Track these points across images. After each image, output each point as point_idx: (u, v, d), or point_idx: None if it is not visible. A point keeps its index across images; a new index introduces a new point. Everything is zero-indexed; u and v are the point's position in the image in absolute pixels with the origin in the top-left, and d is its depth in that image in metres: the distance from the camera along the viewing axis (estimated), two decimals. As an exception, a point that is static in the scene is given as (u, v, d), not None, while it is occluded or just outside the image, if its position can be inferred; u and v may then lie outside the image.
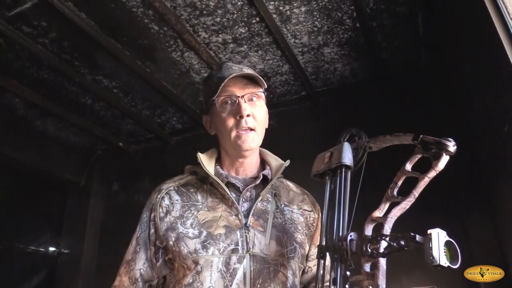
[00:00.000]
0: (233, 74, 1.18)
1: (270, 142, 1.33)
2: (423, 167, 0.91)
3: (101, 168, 3.74)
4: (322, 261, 0.92)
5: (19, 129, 3.21)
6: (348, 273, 0.85)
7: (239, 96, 1.19)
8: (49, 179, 3.60)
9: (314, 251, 1.27)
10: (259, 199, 1.20)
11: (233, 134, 1.19)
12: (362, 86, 2.87)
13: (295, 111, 3.12)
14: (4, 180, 3.31)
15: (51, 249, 3.55)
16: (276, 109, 3.15)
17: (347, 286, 0.84)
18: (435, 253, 0.73)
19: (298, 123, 3.03)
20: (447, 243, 0.76)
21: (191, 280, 1.08)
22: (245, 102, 1.19)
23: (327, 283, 0.88)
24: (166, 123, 3.36)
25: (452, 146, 0.86)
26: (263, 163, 1.32)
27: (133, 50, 2.50)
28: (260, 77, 1.23)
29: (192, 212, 1.18)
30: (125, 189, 3.62)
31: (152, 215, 1.21)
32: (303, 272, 1.26)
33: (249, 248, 1.11)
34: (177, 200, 1.21)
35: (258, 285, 1.08)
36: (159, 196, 1.23)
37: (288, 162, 1.29)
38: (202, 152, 1.28)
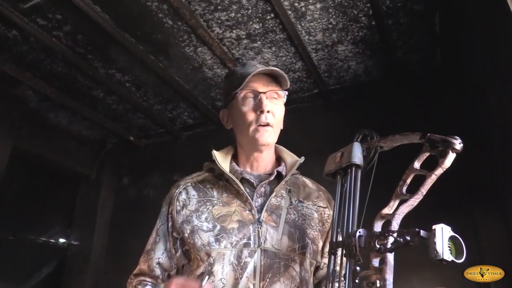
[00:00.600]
0: (260, 69, 1.21)
1: (281, 139, 1.34)
2: (431, 165, 0.93)
3: (111, 162, 3.76)
4: (332, 257, 0.94)
5: (32, 122, 3.23)
6: (358, 268, 0.87)
7: (261, 92, 1.22)
8: (61, 171, 3.62)
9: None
10: (273, 195, 1.22)
11: (252, 128, 1.21)
12: (375, 85, 2.84)
13: (307, 108, 3.10)
14: (16, 172, 3.33)
15: (61, 240, 3.58)
16: (288, 106, 3.04)
17: (356, 280, 0.86)
18: (438, 247, 0.74)
19: (310, 121, 3.01)
20: (452, 238, 0.77)
21: (203, 271, 1.13)
22: (266, 98, 1.21)
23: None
24: (177, 118, 3.36)
25: (458, 144, 0.87)
26: (279, 160, 1.33)
27: (147, 45, 2.50)
28: (285, 76, 1.24)
29: (207, 207, 1.22)
30: (135, 183, 3.64)
31: (170, 208, 1.26)
32: (318, 268, 1.28)
33: (261, 243, 1.14)
34: (193, 195, 1.25)
35: (268, 279, 1.11)
36: (177, 191, 1.28)
37: (303, 158, 1.30)
38: (216, 149, 1.30)
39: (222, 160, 1.27)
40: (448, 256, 0.75)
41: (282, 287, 1.12)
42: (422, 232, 0.77)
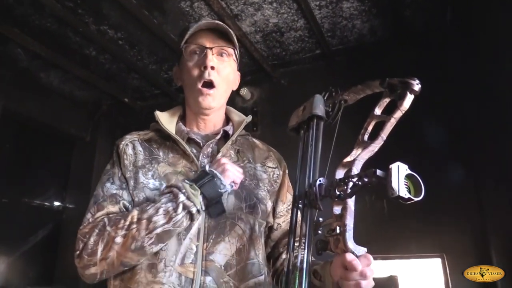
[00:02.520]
0: (203, 22, 1.19)
1: (280, 102, 1.26)
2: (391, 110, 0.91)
3: (106, 124, 3.67)
4: (295, 210, 0.93)
5: (23, 82, 3.12)
6: (320, 219, 0.87)
7: (207, 48, 1.18)
8: (55, 133, 3.54)
9: (281, 208, 1.28)
10: (220, 154, 1.19)
11: (196, 87, 1.18)
12: (380, 46, 2.72)
13: (308, 70, 2.98)
14: (9, 134, 3.25)
15: (56, 204, 3.54)
16: (288, 67, 3.02)
17: (319, 231, 0.86)
18: (394, 185, 0.74)
19: (311, 83, 2.88)
20: (409, 176, 0.77)
21: None
22: (212, 54, 1.18)
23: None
24: (173, 79, 3.24)
25: (416, 85, 0.86)
26: (228, 120, 1.32)
27: (140, -1, 2.36)
28: (231, 32, 1.21)
29: (153, 165, 1.17)
30: (131, 145, 3.55)
31: (118, 161, 1.18)
32: (272, 229, 1.28)
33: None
34: (140, 151, 1.20)
35: (211, 240, 1.09)
36: (123, 143, 1.21)
37: (250, 117, 1.29)
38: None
39: (167, 121, 1.23)
40: (404, 193, 0.74)
41: (227, 247, 1.10)
42: (378, 172, 0.77)
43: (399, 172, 0.76)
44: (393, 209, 2.44)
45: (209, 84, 1.17)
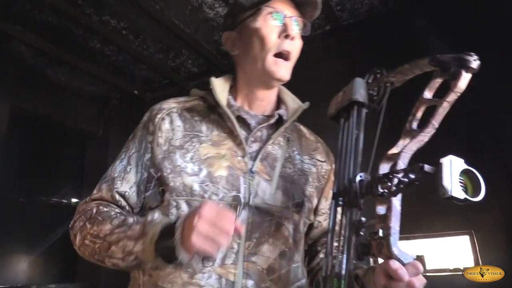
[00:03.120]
0: None
1: (291, 82, 1.15)
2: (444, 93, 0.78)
3: (117, 118, 3.64)
4: (334, 208, 0.83)
5: (30, 80, 3.10)
6: (363, 218, 0.76)
7: (290, 16, 1.04)
8: (67, 130, 3.54)
9: (324, 205, 1.16)
10: (270, 141, 1.05)
11: (269, 56, 1.02)
12: (393, 16, 2.57)
13: (317, 48, 2.84)
14: (21, 133, 3.24)
15: (74, 200, 3.54)
16: None
17: (361, 232, 0.75)
18: (446, 183, 0.63)
19: (321, 62, 2.74)
20: (465, 172, 0.66)
21: None
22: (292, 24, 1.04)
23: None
24: (181, 67, 3.17)
25: (473, 61, 0.73)
26: (279, 102, 1.16)
27: (139, -16, 2.28)
28: (317, 4, 1.06)
29: (193, 144, 1.02)
30: (143, 138, 3.52)
31: (150, 138, 1.04)
32: (312, 227, 1.15)
33: (251, 198, 0.98)
34: (178, 126, 1.04)
35: (254, 239, 0.97)
36: (159, 116, 1.05)
37: (307, 104, 1.14)
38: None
39: (220, 90, 1.07)
40: (459, 193, 0.63)
41: (271, 249, 0.98)
42: (426, 167, 0.66)
43: (452, 167, 0.65)
44: (415, 186, 2.34)
45: (283, 56, 1.04)
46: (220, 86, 1.08)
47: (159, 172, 1.00)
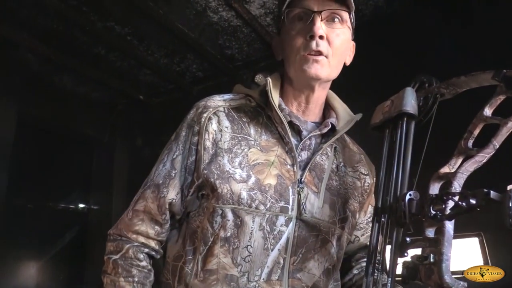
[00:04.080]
0: None
1: None
2: (506, 111, 0.73)
3: (123, 123, 3.65)
4: (377, 225, 0.78)
5: (36, 86, 3.12)
6: (407, 239, 0.71)
7: (315, 12, 0.93)
8: (73, 136, 3.56)
9: (363, 219, 1.11)
10: (320, 151, 0.99)
11: (299, 56, 0.94)
12: (399, 16, 2.55)
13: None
14: (27, 139, 3.26)
15: (81, 206, 3.55)
16: None
17: (406, 254, 0.71)
18: None
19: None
20: None
21: (229, 234, 0.90)
22: (321, 20, 0.93)
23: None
24: (186, 72, 3.17)
25: None
26: (327, 108, 1.08)
27: (143, -11, 2.28)
28: None
29: (242, 148, 0.95)
30: (149, 143, 3.52)
31: (196, 139, 0.96)
32: (349, 242, 1.09)
33: (301, 210, 0.93)
34: (226, 127, 0.96)
35: (301, 255, 0.92)
36: (205, 115, 0.97)
37: (360, 115, 1.05)
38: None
39: (274, 92, 0.98)
40: None
41: (316, 265, 0.94)
42: (492, 194, 0.61)
43: None
44: (424, 188, 2.31)
45: (317, 54, 0.94)
46: (274, 87, 0.99)
47: (203, 177, 0.94)
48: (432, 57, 2.21)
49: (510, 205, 0.59)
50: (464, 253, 2.18)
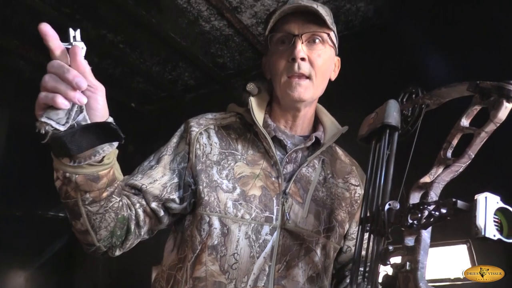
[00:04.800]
0: (287, 6, 0.98)
1: None
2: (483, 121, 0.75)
3: (115, 131, 3.63)
4: (361, 234, 0.80)
5: (28, 93, 3.05)
6: (390, 247, 0.73)
7: (296, 35, 0.98)
8: (64, 143, 3.52)
9: (355, 229, 1.14)
10: (305, 164, 1.04)
11: (283, 80, 1.00)
12: (388, 27, 2.60)
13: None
14: (18, 147, 3.23)
15: (71, 214, 3.52)
16: None
17: (388, 262, 0.72)
18: (480, 222, 0.60)
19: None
20: (501, 211, 0.62)
21: (216, 242, 0.94)
22: (302, 43, 0.98)
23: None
24: (178, 80, 3.19)
25: None
26: (316, 121, 1.13)
27: (136, -3, 2.31)
28: (326, 12, 1.01)
29: (229, 162, 1.01)
30: (141, 150, 3.51)
31: (187, 148, 1.02)
32: (341, 252, 1.13)
33: (285, 220, 0.97)
34: (216, 142, 1.03)
35: (285, 262, 0.96)
36: (197, 130, 1.03)
37: (346, 128, 1.10)
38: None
39: (258, 110, 1.04)
40: (492, 233, 0.60)
41: (300, 273, 0.97)
42: (459, 203, 0.62)
43: (487, 205, 0.62)
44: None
45: (300, 76, 0.99)
46: (257, 106, 1.05)
47: (193, 186, 0.99)
48: (421, 67, 2.26)
49: (475, 214, 0.61)
50: (453, 260, 2.20)
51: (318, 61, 1.00)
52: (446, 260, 2.21)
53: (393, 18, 2.57)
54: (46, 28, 0.65)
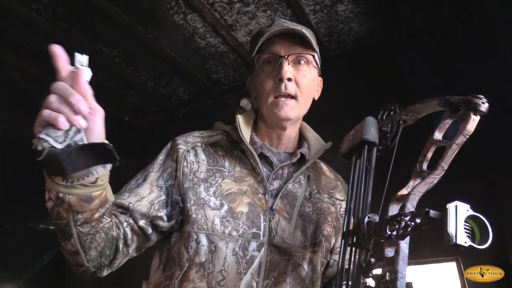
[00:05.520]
0: (276, 28, 1.02)
1: None
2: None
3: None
4: (344, 248, 0.82)
5: (22, 105, 3.10)
6: (372, 259, 0.75)
7: (282, 56, 1.02)
8: (56, 155, 3.51)
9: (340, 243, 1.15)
10: (291, 180, 1.06)
11: (270, 99, 1.03)
12: (380, 47, 2.66)
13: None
14: (11, 158, 3.22)
15: (62, 226, 3.49)
16: None
17: (370, 274, 0.74)
18: (451, 230, 0.63)
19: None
20: (472, 218, 0.65)
21: (203, 259, 0.94)
22: (288, 64, 1.02)
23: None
24: (173, 94, 3.22)
25: (481, 104, 0.73)
26: (301, 138, 1.16)
27: (133, 14, 2.34)
28: (311, 35, 1.04)
29: (216, 179, 1.02)
30: (134, 164, 3.49)
31: (174, 165, 1.03)
32: (328, 266, 1.14)
33: (272, 236, 0.98)
34: (203, 160, 1.04)
35: (273, 278, 0.96)
36: (184, 148, 1.04)
37: (329, 144, 1.13)
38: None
39: (245, 127, 1.06)
40: (463, 240, 0.62)
41: None
42: (431, 212, 0.65)
43: (458, 213, 0.64)
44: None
45: (286, 96, 1.02)
46: (244, 123, 1.08)
47: (181, 204, 0.99)
48: (412, 86, 2.30)
49: (447, 222, 0.63)
50: (442, 278, 2.21)
51: (304, 82, 1.04)
52: (436, 277, 2.22)
53: (385, 38, 2.63)
54: (57, 50, 0.68)
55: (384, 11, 2.41)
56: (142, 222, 0.96)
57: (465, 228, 0.64)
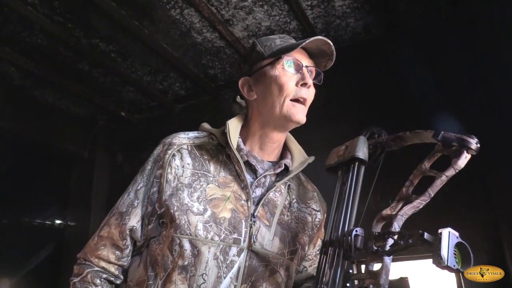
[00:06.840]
0: (310, 39, 1.05)
1: None
2: (441, 165, 0.87)
3: (104, 139, 3.62)
4: (324, 257, 0.87)
5: (17, 100, 3.10)
6: (350, 270, 0.82)
7: (306, 66, 1.08)
8: (52, 151, 3.51)
9: (311, 251, 1.22)
10: (273, 188, 1.10)
11: (287, 101, 1.06)
12: (376, 43, 2.66)
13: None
14: (6, 154, 3.22)
15: (58, 222, 3.49)
16: None
17: (348, 284, 0.81)
18: (444, 253, 0.69)
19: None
20: (459, 245, 0.72)
21: (186, 262, 0.98)
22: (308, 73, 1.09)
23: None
24: (169, 90, 3.20)
25: (474, 144, 0.81)
26: (284, 149, 1.19)
27: (129, 9, 2.33)
28: (333, 55, 1.10)
29: (201, 183, 1.05)
30: (130, 160, 3.51)
31: (159, 172, 1.06)
32: (297, 272, 1.19)
33: (252, 242, 1.02)
34: (188, 164, 1.06)
35: (250, 283, 1.01)
36: (170, 152, 1.07)
37: (312, 158, 1.17)
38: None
39: (233, 133, 1.09)
40: (453, 263, 0.69)
41: None
42: (426, 235, 0.71)
43: (450, 239, 0.70)
44: (368, 226, 2.37)
45: (299, 102, 1.07)
46: (233, 129, 1.10)
47: (164, 208, 1.03)
48: (408, 83, 2.31)
49: (440, 245, 0.69)
50: (438, 273, 2.22)
51: (313, 93, 1.11)
52: (431, 272, 2.23)
53: (382, 34, 2.63)
54: None
55: (380, 7, 2.41)
56: (139, 244, 1.10)
57: (454, 253, 0.70)
